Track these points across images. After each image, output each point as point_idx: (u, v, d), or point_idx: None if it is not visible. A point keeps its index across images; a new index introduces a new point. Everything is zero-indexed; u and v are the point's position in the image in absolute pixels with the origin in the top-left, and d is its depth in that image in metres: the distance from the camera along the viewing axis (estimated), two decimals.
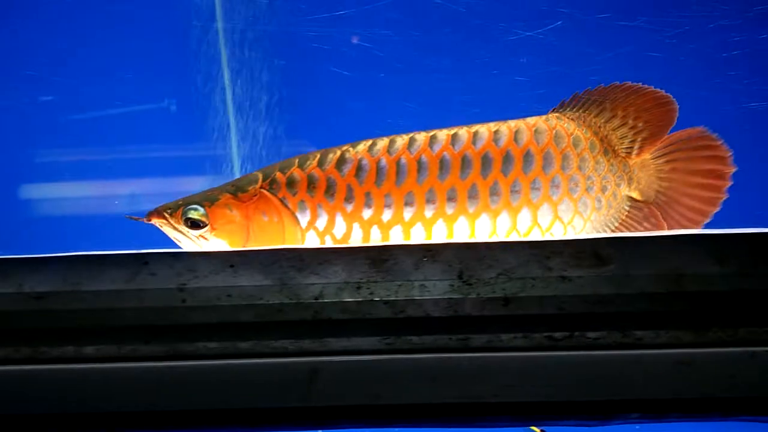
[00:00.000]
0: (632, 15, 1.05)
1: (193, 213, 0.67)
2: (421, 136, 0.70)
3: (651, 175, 0.74)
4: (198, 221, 0.67)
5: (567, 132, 0.72)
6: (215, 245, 0.67)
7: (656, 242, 0.48)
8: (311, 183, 0.68)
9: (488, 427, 0.47)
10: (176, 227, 0.68)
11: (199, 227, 0.67)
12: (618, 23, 1.04)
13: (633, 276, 0.47)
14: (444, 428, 0.48)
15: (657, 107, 0.73)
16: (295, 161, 0.69)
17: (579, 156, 0.72)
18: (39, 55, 1.21)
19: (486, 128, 0.70)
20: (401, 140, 0.69)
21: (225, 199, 0.67)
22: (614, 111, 0.73)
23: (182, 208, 0.67)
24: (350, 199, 0.68)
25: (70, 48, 1.21)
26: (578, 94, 0.74)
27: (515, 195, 0.69)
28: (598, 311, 0.46)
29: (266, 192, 0.68)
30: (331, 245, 0.59)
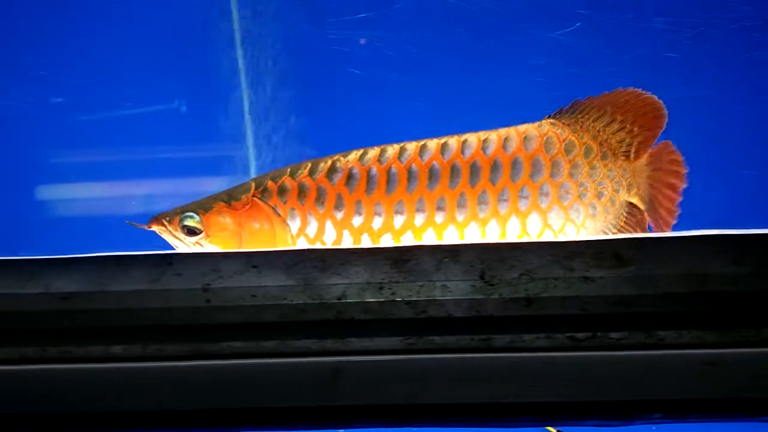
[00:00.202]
0: (650, 16, 1.05)
1: (189, 221, 0.69)
2: (412, 146, 0.71)
3: (645, 180, 0.74)
4: (194, 228, 0.69)
5: (559, 138, 0.72)
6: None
7: (678, 242, 0.48)
8: (302, 191, 0.70)
9: (510, 428, 0.47)
10: (174, 234, 0.70)
11: (195, 234, 0.69)
12: (636, 25, 1.04)
13: (655, 276, 0.47)
14: (466, 428, 0.48)
15: (651, 112, 0.74)
16: (287, 170, 0.71)
17: (571, 162, 0.72)
18: (57, 56, 1.22)
19: (476, 137, 0.71)
20: (392, 150, 0.71)
21: (219, 208, 0.70)
22: (614, 115, 0.74)
23: (179, 216, 0.70)
24: (340, 207, 0.69)
25: (87, 49, 1.22)
26: (578, 100, 0.75)
27: (503, 203, 0.70)
28: (621, 311, 0.46)
29: (258, 200, 0.70)
30: (352, 246, 0.60)
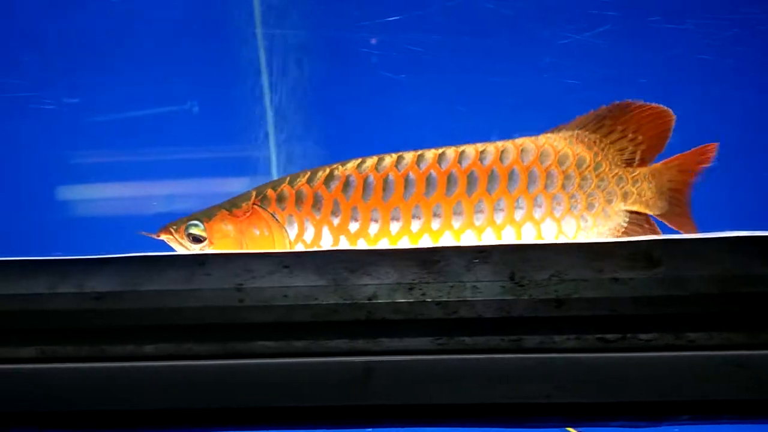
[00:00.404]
0: (682, 17, 1.04)
1: (194, 229, 0.73)
2: (409, 155, 0.73)
3: (664, 184, 0.74)
4: (198, 236, 0.73)
5: (555, 150, 0.73)
6: None
7: (708, 243, 0.48)
8: (299, 198, 0.72)
9: (539, 428, 0.48)
10: (180, 242, 0.73)
11: (200, 241, 0.72)
12: (667, 26, 1.04)
13: (685, 277, 0.47)
14: (496, 428, 0.48)
15: (655, 119, 0.74)
16: (287, 179, 0.74)
17: (564, 174, 0.73)
18: (82, 56, 1.24)
19: (473, 148, 0.73)
20: (389, 158, 0.73)
21: (221, 216, 0.73)
22: (613, 126, 0.75)
23: (184, 225, 0.73)
24: (336, 213, 0.71)
25: (113, 49, 1.23)
26: (580, 117, 0.76)
27: (499, 213, 0.72)
28: (651, 313, 0.46)
29: (258, 208, 0.73)
30: (384, 247, 0.60)
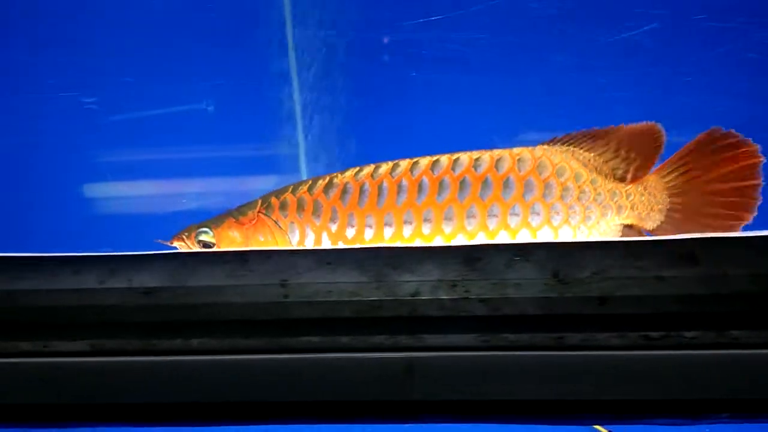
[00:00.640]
0: (728, 16, 1.03)
1: (204, 236, 0.77)
2: (405, 163, 0.76)
3: (657, 195, 0.74)
4: (208, 242, 0.77)
5: (552, 162, 0.75)
6: None
7: (751, 242, 0.48)
8: (300, 206, 0.76)
9: (582, 425, 0.48)
10: (191, 248, 0.76)
11: (209, 248, 0.76)
12: (713, 24, 1.03)
13: (728, 275, 0.47)
14: (538, 425, 0.49)
15: (645, 136, 0.75)
16: (290, 187, 0.78)
17: (563, 185, 0.74)
18: (120, 54, 1.25)
19: (467, 156, 0.75)
20: (385, 166, 0.76)
21: (228, 223, 0.77)
22: (606, 146, 0.76)
23: (195, 232, 0.77)
24: (335, 220, 0.75)
25: (143, 46, 1.25)
26: (572, 133, 0.77)
27: (492, 219, 0.73)
28: (694, 311, 0.46)
29: (262, 215, 0.77)
30: (424, 244, 0.61)
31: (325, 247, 0.62)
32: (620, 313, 0.46)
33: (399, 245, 0.55)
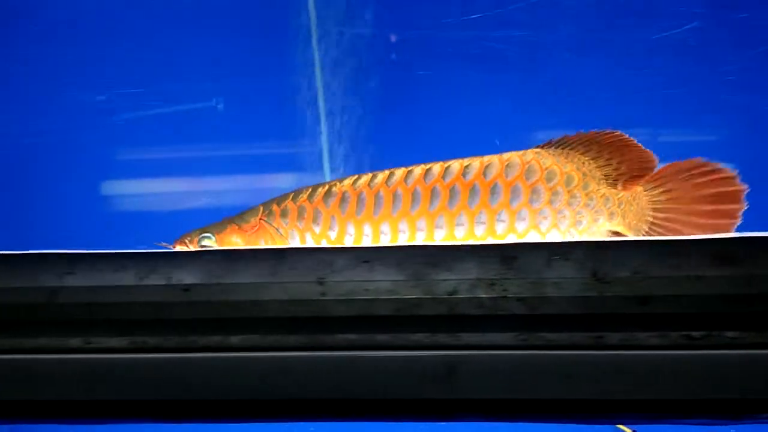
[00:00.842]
0: None
1: (206, 240, 0.78)
2: (400, 171, 0.78)
3: (644, 207, 0.74)
4: (210, 247, 0.77)
5: (541, 167, 0.75)
6: None
7: None
8: (301, 214, 0.78)
9: (622, 424, 0.48)
10: None
11: None
12: (757, 22, 1.01)
13: None
14: (577, 424, 0.49)
15: (639, 159, 0.75)
16: (291, 195, 0.80)
17: (551, 190, 0.75)
18: (148, 51, 1.26)
19: (459, 163, 0.77)
20: (382, 175, 0.78)
21: (231, 229, 0.79)
22: (600, 152, 0.76)
23: (198, 237, 0.78)
24: (333, 228, 0.76)
25: (173, 44, 1.25)
26: (567, 136, 0.77)
27: (480, 226, 0.74)
28: (736, 311, 0.46)
29: (264, 222, 0.78)
30: (461, 242, 0.61)
31: (363, 245, 0.62)
32: (661, 313, 0.46)
33: (436, 243, 0.55)
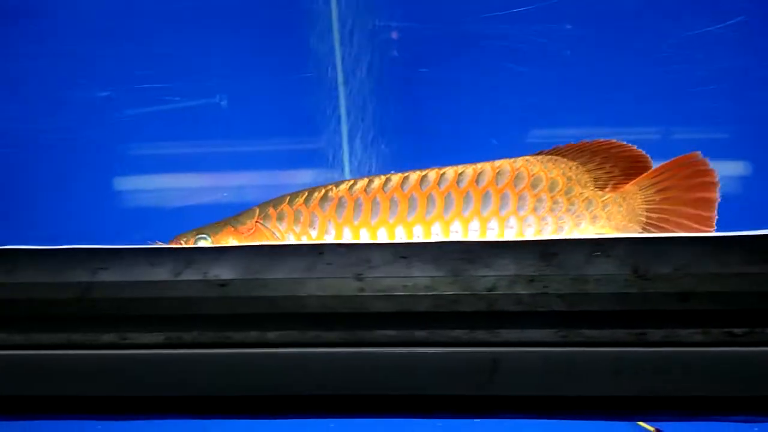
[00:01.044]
0: None
1: (202, 242, 0.78)
2: (396, 177, 0.78)
3: (636, 207, 0.74)
4: None
5: (529, 173, 0.76)
6: None
7: None
8: (297, 218, 0.77)
9: (664, 420, 0.48)
10: None
11: None
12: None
13: None
14: (619, 420, 0.49)
15: (634, 160, 0.76)
16: (287, 198, 0.80)
17: (536, 197, 0.76)
18: (164, 47, 1.26)
19: (453, 170, 0.78)
20: (378, 180, 0.78)
21: (227, 231, 0.79)
22: (592, 158, 0.77)
23: (194, 238, 0.79)
24: (329, 233, 0.76)
25: (191, 37, 1.25)
26: (560, 147, 0.78)
27: (473, 233, 0.75)
28: None
29: (260, 225, 0.78)
30: (499, 239, 0.61)
31: (400, 241, 0.62)
32: (703, 309, 0.46)
33: (474, 239, 0.55)
